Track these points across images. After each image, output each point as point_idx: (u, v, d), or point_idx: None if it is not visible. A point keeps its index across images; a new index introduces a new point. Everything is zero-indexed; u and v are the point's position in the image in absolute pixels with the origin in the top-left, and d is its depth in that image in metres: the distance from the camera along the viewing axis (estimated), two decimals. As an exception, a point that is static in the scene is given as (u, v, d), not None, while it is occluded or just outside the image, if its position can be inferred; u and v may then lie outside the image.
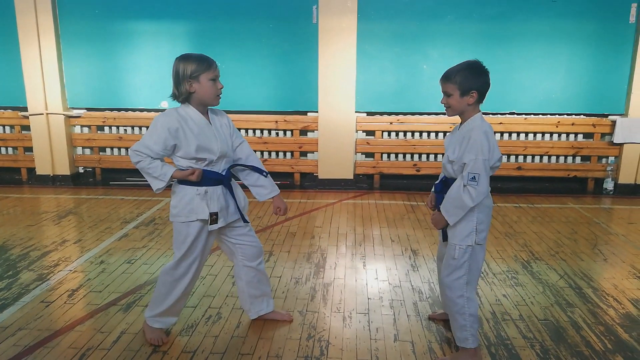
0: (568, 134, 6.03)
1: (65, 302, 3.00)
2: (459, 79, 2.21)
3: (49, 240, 4.13)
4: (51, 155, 6.30)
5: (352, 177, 6.19)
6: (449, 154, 2.33)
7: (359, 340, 2.60)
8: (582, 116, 5.98)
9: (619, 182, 5.99)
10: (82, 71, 6.18)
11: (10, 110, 6.36)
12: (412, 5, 5.80)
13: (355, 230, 4.50)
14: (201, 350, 2.50)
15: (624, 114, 5.88)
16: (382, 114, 6.12)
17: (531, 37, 5.76)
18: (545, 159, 6.08)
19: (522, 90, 5.90)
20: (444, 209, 2.31)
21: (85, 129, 6.45)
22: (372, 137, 6.17)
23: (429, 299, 3.09)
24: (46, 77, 6.11)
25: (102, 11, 6.02)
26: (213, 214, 2.39)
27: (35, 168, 6.39)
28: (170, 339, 2.59)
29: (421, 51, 5.90)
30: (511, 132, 6.04)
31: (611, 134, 5.92)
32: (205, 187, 2.37)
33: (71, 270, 3.49)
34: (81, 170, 6.63)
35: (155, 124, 2.29)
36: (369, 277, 3.42)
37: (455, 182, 2.28)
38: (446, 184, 2.37)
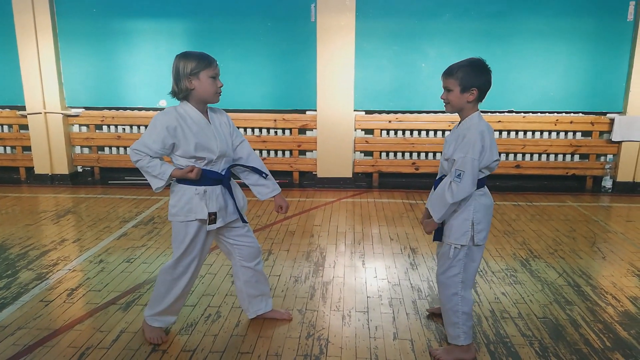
0: (566, 132, 6.03)
1: (64, 301, 2.99)
2: (460, 74, 2.21)
3: (48, 240, 4.13)
4: (49, 155, 6.29)
5: (351, 176, 6.19)
6: (445, 151, 2.34)
7: (358, 338, 2.61)
8: (580, 114, 5.99)
9: (618, 180, 6.00)
10: (80, 70, 6.18)
11: (8, 110, 6.35)
12: (410, 3, 5.80)
13: (355, 228, 4.50)
14: (200, 349, 2.50)
15: (622, 112, 5.89)
16: (380, 112, 6.12)
17: (529, 35, 5.77)
18: (544, 157, 6.09)
19: (520, 88, 5.90)
20: (430, 205, 2.33)
21: (84, 128, 6.44)
22: (371, 136, 6.17)
23: (428, 297, 3.09)
24: (44, 76, 6.10)
25: (99, 10, 6.01)
26: (212, 213, 2.38)
27: (33, 167, 6.38)
28: (169, 337, 2.59)
29: (419, 49, 5.90)
30: (510, 130, 6.05)
31: (609, 132, 5.93)
32: (204, 187, 2.36)
33: (70, 270, 3.49)
34: (80, 169, 6.62)
35: (154, 123, 2.28)
36: (368, 276, 3.43)
37: (444, 179, 2.29)
38: None
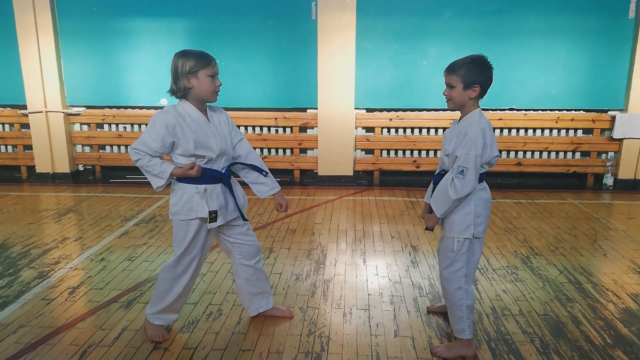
0: (567, 130, 6.03)
1: (66, 300, 3.00)
2: (463, 71, 2.22)
3: (50, 238, 4.14)
4: (51, 153, 6.30)
5: (351, 174, 6.19)
6: (445, 147, 2.36)
7: (359, 336, 2.61)
8: (581, 112, 5.98)
9: (619, 177, 6.00)
10: (81, 69, 6.18)
11: (9, 109, 6.37)
12: (410, 2, 5.79)
13: (355, 226, 4.51)
14: (202, 346, 2.50)
15: (623, 110, 5.88)
16: (381, 110, 6.12)
17: (530, 33, 5.76)
18: (545, 154, 6.09)
19: (521, 86, 5.90)
20: (432, 201, 2.36)
21: (85, 127, 6.45)
22: (372, 134, 6.17)
23: (429, 294, 3.09)
24: (45, 75, 6.11)
25: (100, 9, 6.01)
26: (212, 212, 2.39)
27: (35, 166, 6.39)
28: (171, 335, 2.60)
29: (420, 48, 5.89)
30: (511, 128, 6.05)
31: (611, 129, 5.92)
32: (204, 185, 2.36)
33: (72, 268, 3.50)
34: (81, 168, 6.63)
35: (153, 122, 2.28)
36: (369, 273, 3.43)
37: (446, 175, 2.32)
38: (443, 176, 2.39)
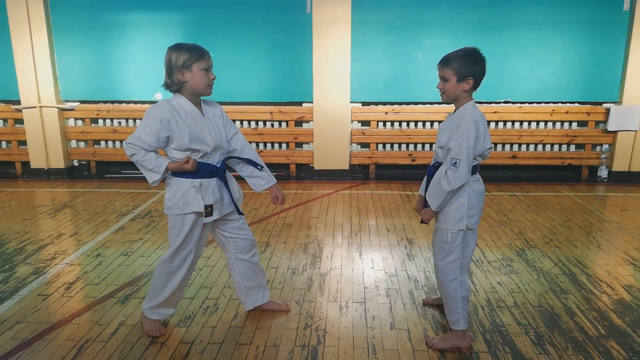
0: (562, 122, 6.05)
1: (62, 295, 3.00)
2: (456, 64, 2.23)
3: (45, 234, 4.13)
4: (45, 149, 6.27)
5: (347, 168, 6.19)
6: (439, 139, 2.38)
7: (355, 328, 2.63)
8: (576, 104, 6.00)
9: (613, 169, 6.03)
10: (75, 63, 6.14)
11: (3, 104, 6.33)
12: (406, -6, 5.79)
13: (351, 220, 4.52)
14: (199, 340, 2.51)
15: (617, 102, 5.90)
16: (377, 104, 6.11)
17: (525, 25, 5.76)
18: (540, 147, 6.11)
19: (516, 78, 5.90)
20: (428, 195, 2.39)
21: (79, 122, 6.42)
22: (368, 128, 6.17)
23: (424, 287, 3.11)
24: (39, 70, 6.06)
25: (93, 2, 5.96)
26: (208, 206, 2.39)
27: (29, 162, 6.36)
28: (168, 330, 2.60)
29: (415, 40, 5.88)
30: (506, 121, 6.06)
31: (605, 121, 5.94)
32: (200, 179, 2.36)
33: (68, 264, 3.49)
34: (76, 163, 6.60)
35: (147, 116, 2.28)
36: (365, 267, 3.44)
37: (440, 168, 2.33)
38: (437, 168, 2.41)
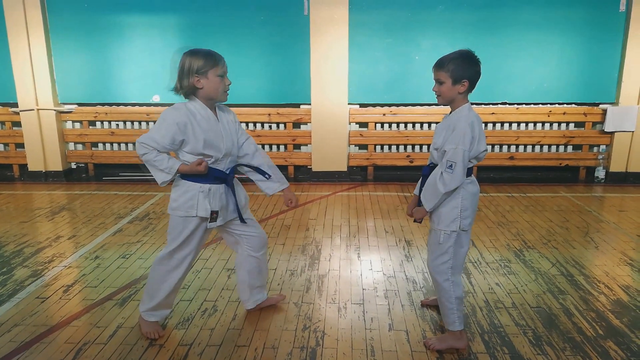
0: (560, 123, 6.06)
1: (60, 298, 3.00)
2: (451, 67, 2.24)
3: (43, 237, 4.12)
4: (43, 151, 6.26)
5: (345, 169, 6.20)
6: (435, 141, 2.39)
7: (354, 330, 2.63)
8: (573, 105, 6.01)
9: (610, 170, 6.04)
10: (73, 66, 6.14)
11: (0, 107, 6.32)
12: (403, -5, 5.80)
13: (350, 222, 4.52)
14: (197, 342, 2.51)
15: (614, 103, 5.92)
16: (375, 105, 6.12)
17: (522, 27, 5.78)
18: (537, 148, 6.12)
19: (513, 80, 5.92)
20: (422, 195, 2.39)
21: (77, 125, 6.41)
22: (365, 129, 6.18)
23: (422, 288, 3.11)
24: (36, 73, 6.06)
25: (91, 4, 5.96)
26: (214, 212, 2.40)
27: (27, 164, 6.35)
28: (166, 332, 2.60)
29: (413, 41, 5.90)
30: (503, 122, 6.07)
31: (602, 122, 5.96)
32: (209, 185, 2.37)
33: (66, 266, 3.49)
34: (74, 165, 6.60)
35: (164, 118, 2.29)
36: (363, 268, 3.45)
37: (435, 169, 2.34)
38: (433, 169, 2.41)
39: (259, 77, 6.04)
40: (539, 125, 6.07)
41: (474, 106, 2.35)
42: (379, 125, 6.15)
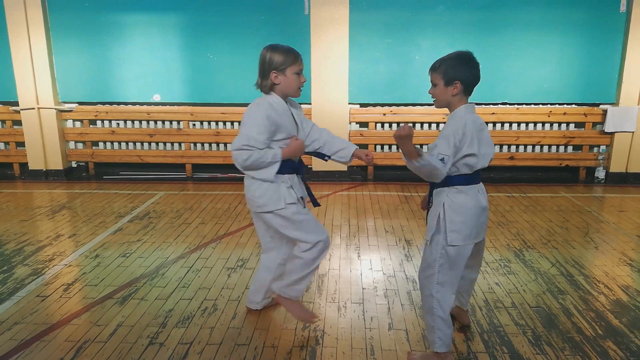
0: (560, 124, 6.06)
1: (60, 296, 3.00)
2: (443, 68, 2.14)
3: (43, 235, 4.13)
4: (43, 150, 6.27)
5: (346, 169, 6.20)
6: (431, 146, 2.24)
7: (353, 329, 2.63)
8: (573, 105, 6.02)
9: (610, 170, 6.05)
10: (73, 65, 6.14)
11: (1, 105, 6.32)
12: (404, -5, 5.80)
13: (350, 221, 4.52)
14: (197, 341, 2.51)
15: (614, 103, 5.92)
16: (375, 105, 6.12)
17: (523, 27, 5.78)
18: (538, 148, 6.13)
19: (514, 80, 5.92)
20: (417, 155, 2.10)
21: (78, 123, 6.42)
22: (366, 129, 6.18)
23: (422, 288, 3.12)
24: (37, 71, 6.07)
25: (92, 3, 5.97)
26: (300, 198, 2.49)
27: (27, 163, 6.35)
28: (166, 330, 2.61)
29: (413, 41, 5.90)
30: (503, 122, 6.07)
31: (602, 123, 5.97)
32: (288, 176, 2.44)
33: (66, 265, 3.49)
34: (74, 164, 6.60)
35: (251, 116, 2.32)
36: (363, 268, 3.45)
37: (433, 151, 2.12)
38: None
39: (259, 77, 6.04)
40: (539, 126, 6.08)
41: (475, 107, 2.27)
42: (379, 125, 6.16)
